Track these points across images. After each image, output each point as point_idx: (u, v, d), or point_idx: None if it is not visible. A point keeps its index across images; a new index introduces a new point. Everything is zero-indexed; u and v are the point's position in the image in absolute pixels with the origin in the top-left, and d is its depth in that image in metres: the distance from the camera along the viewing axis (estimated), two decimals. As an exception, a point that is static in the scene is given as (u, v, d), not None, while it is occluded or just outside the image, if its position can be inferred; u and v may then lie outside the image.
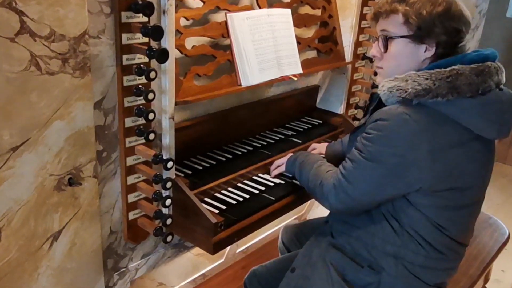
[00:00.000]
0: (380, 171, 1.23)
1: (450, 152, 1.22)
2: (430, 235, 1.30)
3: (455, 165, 1.23)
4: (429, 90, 1.19)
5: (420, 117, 1.20)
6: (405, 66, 1.29)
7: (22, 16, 1.06)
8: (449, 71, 1.20)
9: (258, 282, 1.68)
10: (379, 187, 1.26)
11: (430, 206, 1.27)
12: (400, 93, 1.22)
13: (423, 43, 1.27)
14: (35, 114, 1.15)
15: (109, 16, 1.25)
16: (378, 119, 1.23)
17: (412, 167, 1.20)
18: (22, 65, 1.09)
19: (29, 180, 1.19)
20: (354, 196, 1.29)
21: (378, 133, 1.22)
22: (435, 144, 1.20)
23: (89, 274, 1.43)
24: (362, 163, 1.26)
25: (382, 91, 1.27)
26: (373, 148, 1.23)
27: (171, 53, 1.31)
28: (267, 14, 1.72)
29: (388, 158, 1.21)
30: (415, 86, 1.20)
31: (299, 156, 1.58)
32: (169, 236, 1.43)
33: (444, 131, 1.21)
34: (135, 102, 1.35)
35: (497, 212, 1.47)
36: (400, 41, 1.29)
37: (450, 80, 1.19)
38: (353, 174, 1.28)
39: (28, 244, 1.24)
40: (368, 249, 1.36)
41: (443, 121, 1.21)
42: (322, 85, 2.26)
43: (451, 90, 1.19)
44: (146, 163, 1.43)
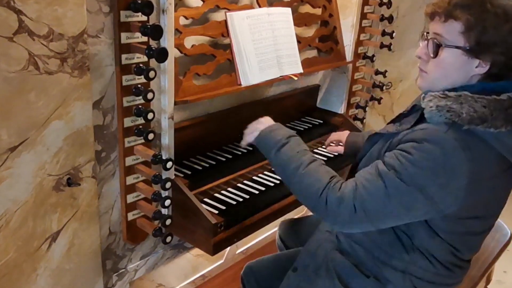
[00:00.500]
0: (416, 196, 1.12)
1: (487, 184, 1.15)
2: (443, 256, 1.25)
3: (487, 196, 1.17)
4: (485, 119, 1.08)
5: (469, 146, 1.10)
6: (452, 78, 1.17)
7: (20, 15, 1.06)
8: (507, 100, 1.10)
9: (255, 279, 1.66)
10: (408, 212, 1.14)
11: (449, 232, 1.21)
12: (452, 115, 1.10)
13: (477, 59, 1.13)
14: (33, 114, 1.15)
15: (108, 15, 1.25)
16: (424, 139, 1.11)
17: (449, 196, 1.12)
18: (20, 65, 1.09)
19: (27, 181, 1.19)
20: (375, 218, 1.16)
21: (422, 155, 1.10)
22: (476, 176, 1.11)
23: (88, 275, 1.42)
24: (397, 184, 1.12)
25: (429, 107, 1.14)
26: (414, 170, 1.11)
27: (171, 52, 1.30)
28: (267, 13, 1.72)
29: (430, 185, 1.11)
30: (470, 112, 1.09)
31: (276, 133, 1.33)
32: (169, 237, 1.42)
33: (488, 163, 1.13)
34: (134, 101, 1.34)
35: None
36: (453, 51, 1.14)
37: (509, 112, 1.09)
38: (381, 193, 1.14)
39: (26, 245, 1.24)
40: (375, 261, 1.31)
41: (488, 152, 1.12)
42: (323, 84, 2.26)
43: (506, 122, 1.09)
44: (145, 163, 1.42)
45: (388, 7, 2.14)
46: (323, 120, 2.18)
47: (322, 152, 1.97)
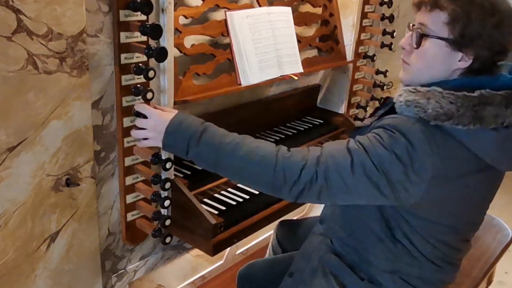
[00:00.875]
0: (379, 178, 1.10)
1: (455, 183, 1.14)
2: (424, 249, 1.24)
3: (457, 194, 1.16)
4: (451, 116, 1.07)
5: (435, 141, 1.09)
6: (433, 71, 1.17)
7: (19, 14, 1.05)
8: (477, 97, 1.08)
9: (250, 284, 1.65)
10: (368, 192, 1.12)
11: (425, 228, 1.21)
12: (418, 111, 1.10)
13: (460, 52, 1.13)
14: (32, 114, 1.14)
15: (107, 14, 1.24)
16: (393, 127, 1.12)
17: (411, 186, 1.11)
18: (19, 64, 1.09)
19: (26, 181, 1.18)
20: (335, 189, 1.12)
21: (391, 140, 1.10)
22: (441, 171, 1.11)
23: (87, 276, 1.42)
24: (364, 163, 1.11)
25: (399, 101, 1.14)
26: (382, 152, 1.10)
27: (170, 52, 1.30)
28: (267, 13, 1.71)
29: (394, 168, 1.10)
30: (436, 108, 1.08)
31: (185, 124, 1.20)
32: (168, 237, 1.42)
33: (456, 159, 1.11)
34: (133, 101, 1.33)
35: (501, 213, 1.45)
36: (436, 42, 1.14)
37: (476, 110, 1.07)
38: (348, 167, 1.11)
39: (25, 246, 1.23)
40: (365, 263, 1.31)
41: (457, 148, 1.11)
42: (323, 84, 2.25)
43: (474, 121, 1.08)
44: (145, 163, 1.42)
45: (389, 6, 2.14)
46: (323, 120, 2.18)
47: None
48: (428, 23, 1.15)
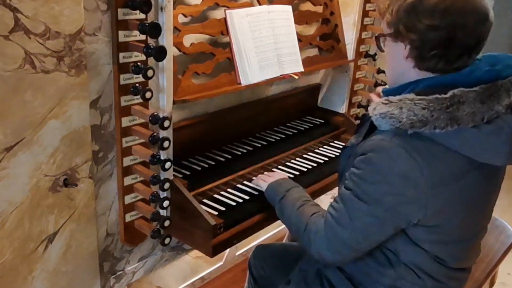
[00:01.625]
0: (378, 212, 1.13)
1: (450, 187, 1.12)
2: (430, 267, 1.22)
3: (456, 198, 1.14)
4: (426, 122, 1.06)
5: (417, 150, 1.08)
6: (394, 68, 1.20)
7: (16, 13, 1.05)
8: (449, 98, 1.07)
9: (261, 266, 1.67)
10: (377, 228, 1.15)
11: (430, 242, 1.19)
12: (393, 122, 1.09)
13: (401, 42, 1.15)
14: (30, 113, 1.14)
15: (106, 13, 1.23)
16: (369, 151, 1.12)
17: (412, 204, 1.11)
18: (16, 63, 1.08)
19: (24, 181, 1.18)
20: (348, 241, 1.17)
21: (370, 168, 1.12)
22: (434, 179, 1.09)
23: (85, 277, 1.41)
24: (356, 203, 1.15)
25: (374, 115, 1.14)
26: (366, 186, 1.13)
27: (169, 51, 1.29)
28: (267, 11, 1.71)
29: (385, 196, 1.11)
30: (410, 116, 1.07)
31: (281, 185, 1.45)
32: (167, 239, 1.42)
33: (443, 165, 1.10)
34: (132, 101, 1.33)
35: (503, 214, 1.44)
36: (386, 41, 1.20)
37: (450, 111, 1.06)
38: (346, 217, 1.17)
39: (22, 247, 1.23)
40: (364, 277, 1.30)
41: (442, 153, 1.09)
42: (324, 83, 2.25)
43: (451, 122, 1.06)
44: (144, 163, 1.41)
45: (390, 5, 2.12)
46: (324, 120, 2.17)
47: (323, 152, 1.96)
48: (383, 28, 1.22)
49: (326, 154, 1.94)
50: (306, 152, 1.93)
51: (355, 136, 1.33)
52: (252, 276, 1.71)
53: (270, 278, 1.64)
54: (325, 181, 1.75)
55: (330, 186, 1.79)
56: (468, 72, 1.11)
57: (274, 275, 1.62)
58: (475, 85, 1.10)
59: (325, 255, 1.22)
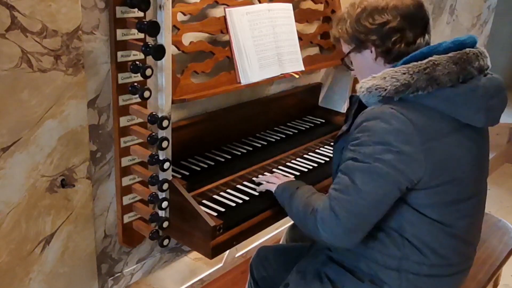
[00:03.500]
0: (380, 170, 1.17)
1: (443, 142, 1.21)
2: (435, 238, 1.25)
3: (450, 154, 1.22)
4: (408, 84, 1.19)
5: (406, 111, 1.18)
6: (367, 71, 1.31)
7: (13, 11, 1.05)
8: (425, 62, 1.20)
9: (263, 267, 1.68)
10: (381, 190, 1.18)
11: (430, 205, 1.23)
12: (380, 91, 1.21)
13: (366, 49, 1.33)
14: (26, 113, 1.14)
15: (104, 11, 1.23)
16: (363, 120, 1.22)
17: (411, 160, 1.17)
18: (12, 62, 1.08)
19: (20, 182, 1.18)
20: (356, 210, 1.19)
21: (366, 134, 1.20)
22: (426, 135, 1.18)
23: (83, 279, 1.41)
24: (359, 169, 1.19)
25: (361, 92, 1.26)
26: (366, 149, 1.19)
27: (168, 49, 1.28)
28: (267, 9, 1.70)
29: (385, 155, 1.17)
30: (393, 82, 1.20)
31: (289, 186, 1.48)
32: (166, 240, 1.41)
33: (432, 122, 1.20)
34: (130, 100, 1.33)
35: (507, 215, 1.43)
36: (352, 57, 1.38)
37: (427, 72, 1.18)
38: (349, 185, 1.20)
39: (19, 248, 1.23)
40: (368, 263, 1.31)
41: (428, 112, 1.21)
42: (325, 82, 2.24)
43: (430, 82, 1.19)
44: (142, 163, 1.41)
45: (392, 4, 2.12)
46: (325, 119, 2.16)
47: (324, 152, 1.95)
48: (343, 50, 1.41)
49: (327, 154, 1.93)
50: (307, 152, 1.92)
51: (345, 123, 1.40)
52: (253, 278, 1.71)
53: (271, 280, 1.64)
54: (325, 182, 1.74)
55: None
56: (436, 45, 1.26)
57: (275, 276, 1.62)
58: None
59: (333, 232, 1.22)
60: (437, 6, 2.83)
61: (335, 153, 1.41)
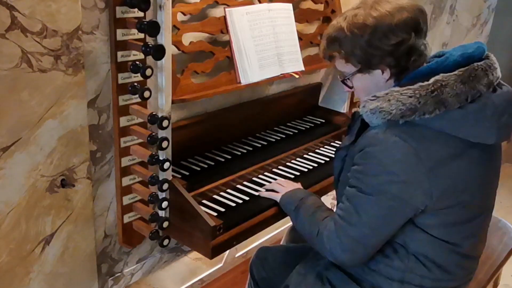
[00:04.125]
0: (384, 203, 1.16)
1: (450, 167, 1.16)
2: (439, 256, 1.23)
3: (457, 178, 1.17)
4: (414, 109, 1.12)
5: (410, 137, 1.13)
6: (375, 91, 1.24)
7: (13, 11, 1.05)
8: (432, 84, 1.13)
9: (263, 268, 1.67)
10: (386, 220, 1.18)
11: (436, 226, 1.20)
12: (384, 115, 1.15)
13: (376, 69, 1.23)
14: (26, 113, 1.13)
15: (104, 11, 1.23)
16: (366, 145, 1.17)
17: (415, 190, 1.14)
18: (12, 62, 1.08)
19: (20, 182, 1.17)
20: (360, 239, 1.19)
21: (369, 162, 1.16)
22: (432, 162, 1.13)
23: (83, 279, 1.41)
24: (362, 198, 1.18)
25: (364, 112, 1.20)
26: (369, 180, 1.17)
27: (168, 49, 1.28)
28: (267, 9, 1.69)
29: (389, 186, 1.14)
30: (399, 106, 1.13)
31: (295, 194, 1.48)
32: (166, 240, 1.41)
33: (438, 146, 1.15)
34: (130, 100, 1.33)
35: (507, 215, 1.43)
36: (356, 77, 1.27)
37: (435, 95, 1.12)
38: (354, 214, 1.20)
39: (19, 248, 1.22)
40: (371, 272, 1.30)
41: (435, 136, 1.15)
42: (325, 83, 2.23)
43: (438, 106, 1.12)
44: (142, 164, 1.41)
45: (392, 4, 2.11)
46: (325, 120, 2.16)
47: (324, 152, 1.95)
48: (340, 69, 1.31)
49: (327, 154, 1.93)
50: (307, 152, 1.92)
51: (347, 137, 1.37)
52: (253, 278, 1.70)
53: (271, 280, 1.64)
54: (326, 182, 1.74)
55: (331, 187, 1.78)
56: (443, 60, 1.19)
57: (275, 277, 1.61)
58: (453, 70, 1.16)
59: (340, 256, 1.24)
60: (437, 6, 2.82)
61: (336, 161, 1.39)
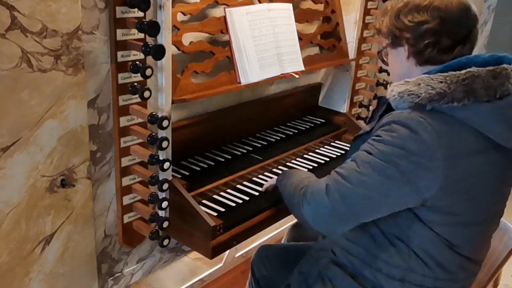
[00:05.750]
0: (390, 172, 1.13)
1: (467, 161, 1.14)
2: (441, 255, 1.22)
3: (471, 175, 1.15)
4: (443, 94, 1.12)
5: (435, 122, 1.12)
6: (400, 72, 1.28)
7: (13, 11, 1.04)
8: (464, 73, 1.14)
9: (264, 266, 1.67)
10: (383, 188, 1.14)
11: (441, 224, 1.18)
12: (412, 98, 1.15)
13: (400, 46, 1.26)
14: (26, 113, 1.13)
15: (103, 11, 1.23)
16: (390, 121, 1.16)
17: (426, 173, 1.12)
18: (12, 62, 1.07)
19: (20, 182, 1.17)
20: (352, 201, 1.16)
21: (391, 134, 1.14)
22: (451, 150, 1.12)
23: (83, 279, 1.41)
24: (370, 162, 1.15)
25: (392, 95, 1.20)
26: (384, 147, 1.14)
27: (168, 49, 1.28)
28: (267, 9, 1.69)
29: (401, 160, 1.12)
30: (428, 90, 1.13)
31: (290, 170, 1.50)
32: (166, 240, 1.41)
33: (461, 137, 1.14)
34: (130, 100, 1.32)
35: (507, 215, 1.42)
36: (388, 52, 1.32)
37: (466, 83, 1.12)
38: (355, 173, 1.16)
39: (19, 248, 1.22)
40: (372, 271, 1.29)
41: (459, 127, 1.14)
42: (325, 83, 2.24)
43: (467, 94, 1.12)
44: (142, 164, 1.40)
45: (392, 4, 2.12)
46: (325, 120, 2.16)
47: (324, 152, 1.95)
48: (382, 44, 1.35)
49: (327, 154, 1.93)
50: (307, 152, 1.92)
51: (369, 122, 1.37)
52: (254, 277, 1.70)
53: (272, 279, 1.64)
54: (326, 182, 1.74)
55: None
56: (473, 57, 1.19)
57: (276, 275, 1.62)
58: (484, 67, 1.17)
59: (318, 211, 1.21)
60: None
61: (351, 150, 1.37)
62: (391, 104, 1.23)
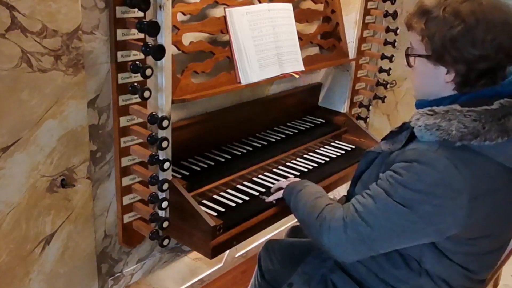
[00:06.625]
0: (410, 217, 1.09)
1: (491, 199, 1.11)
2: (453, 277, 1.20)
3: (494, 212, 1.13)
4: (477, 134, 1.06)
5: (462, 162, 1.07)
6: (429, 88, 1.18)
7: (13, 11, 1.05)
8: (500, 109, 1.07)
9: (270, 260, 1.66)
10: (403, 233, 1.12)
11: (457, 253, 1.17)
12: (442, 133, 1.08)
13: (442, 66, 1.13)
14: (26, 113, 1.13)
15: (103, 11, 1.23)
16: (414, 160, 1.10)
17: (448, 216, 1.09)
18: (12, 62, 1.07)
19: (20, 182, 1.17)
20: (367, 239, 1.14)
21: (412, 176, 1.09)
22: (477, 191, 1.08)
23: (83, 279, 1.41)
24: (388, 202, 1.11)
25: (418, 126, 1.12)
26: (405, 192, 1.09)
27: (168, 49, 1.28)
28: (267, 9, 1.69)
29: (422, 205, 1.08)
30: (460, 128, 1.06)
31: (298, 184, 1.45)
32: (166, 240, 1.41)
33: (487, 174, 1.09)
34: (130, 100, 1.32)
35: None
36: (420, 60, 1.17)
37: (502, 123, 1.06)
38: (373, 214, 1.13)
39: (19, 248, 1.22)
40: (377, 281, 1.27)
41: (486, 164, 1.09)
42: (325, 82, 2.24)
43: (501, 134, 1.06)
44: (142, 164, 1.41)
45: (392, 3, 2.12)
46: (325, 120, 2.16)
47: (324, 152, 1.95)
48: (412, 43, 1.19)
49: (327, 154, 1.93)
50: (307, 152, 1.92)
51: (386, 142, 1.29)
52: (260, 270, 1.69)
53: (277, 273, 1.63)
54: (326, 182, 1.74)
55: (331, 187, 1.78)
56: (507, 83, 1.12)
57: (282, 270, 1.61)
58: None
59: (336, 245, 1.19)
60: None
61: (362, 161, 1.34)
62: (415, 133, 1.15)
